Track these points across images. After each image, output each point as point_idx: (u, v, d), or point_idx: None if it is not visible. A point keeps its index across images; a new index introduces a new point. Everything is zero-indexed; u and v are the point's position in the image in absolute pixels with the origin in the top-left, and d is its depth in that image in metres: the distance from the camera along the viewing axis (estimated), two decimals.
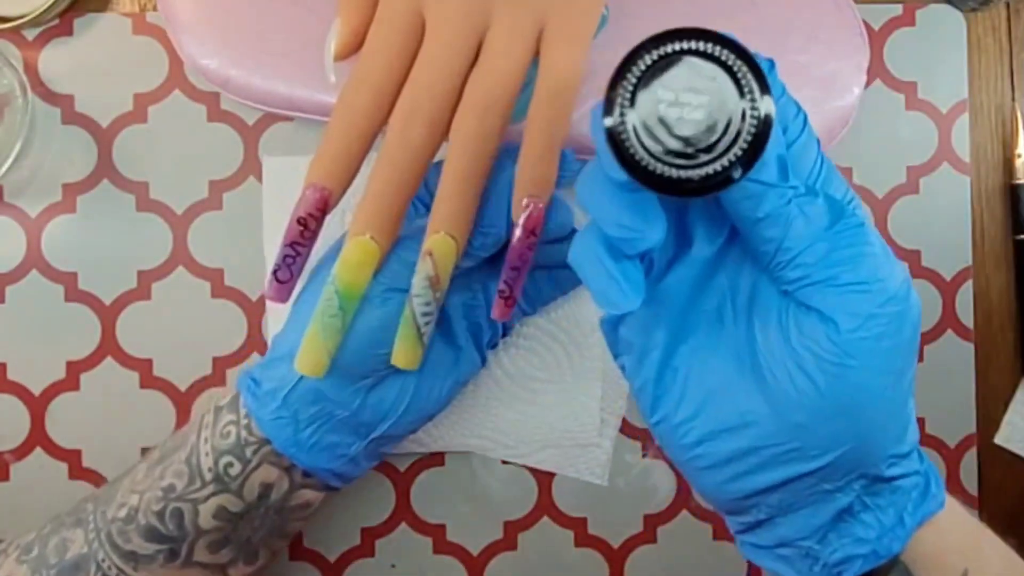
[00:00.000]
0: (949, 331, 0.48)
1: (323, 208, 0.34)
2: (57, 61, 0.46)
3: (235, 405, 0.38)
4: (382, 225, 0.34)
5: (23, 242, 0.46)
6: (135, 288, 0.46)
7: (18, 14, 0.44)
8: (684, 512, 0.47)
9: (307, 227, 0.34)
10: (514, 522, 0.47)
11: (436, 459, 0.47)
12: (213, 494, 0.37)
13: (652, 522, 0.48)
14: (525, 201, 0.34)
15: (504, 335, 0.44)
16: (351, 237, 0.34)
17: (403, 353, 0.35)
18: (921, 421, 0.48)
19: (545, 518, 0.47)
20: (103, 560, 0.37)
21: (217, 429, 0.38)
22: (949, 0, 0.47)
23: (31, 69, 0.46)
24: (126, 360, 0.46)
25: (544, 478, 0.47)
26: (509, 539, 0.47)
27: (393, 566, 0.47)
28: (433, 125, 0.34)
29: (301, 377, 0.36)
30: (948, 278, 0.48)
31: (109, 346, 0.46)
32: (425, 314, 0.34)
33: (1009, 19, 0.48)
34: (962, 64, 0.48)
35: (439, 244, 0.34)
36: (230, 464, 0.37)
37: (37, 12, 0.43)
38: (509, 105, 0.34)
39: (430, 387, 0.39)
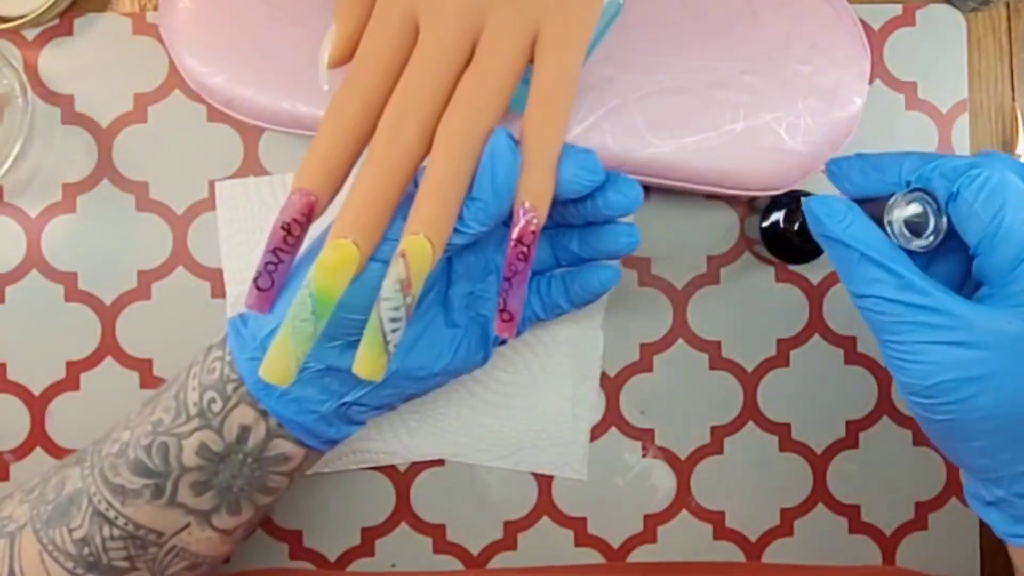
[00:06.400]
0: None
1: (308, 214, 0.33)
2: (57, 61, 0.46)
3: (225, 342, 0.38)
4: (365, 228, 0.33)
5: (23, 242, 0.46)
6: (135, 288, 0.46)
7: (18, 14, 0.44)
8: (684, 512, 0.48)
9: (291, 233, 0.33)
10: (514, 522, 0.47)
11: (436, 459, 0.47)
12: (196, 429, 0.36)
13: (652, 522, 0.48)
14: (520, 209, 0.33)
15: (518, 334, 0.42)
16: (332, 239, 0.33)
17: (366, 361, 0.32)
18: None
19: (545, 518, 0.47)
20: (95, 494, 0.37)
21: (205, 364, 0.37)
22: (949, 0, 0.47)
23: (31, 69, 0.46)
24: (126, 360, 0.46)
25: (544, 478, 0.47)
26: (509, 539, 0.47)
27: (393, 566, 0.47)
28: (424, 127, 0.33)
29: (282, 321, 0.35)
30: None
31: (109, 346, 0.46)
32: (393, 320, 0.32)
33: (1009, 19, 0.48)
34: (962, 64, 0.47)
35: (415, 246, 0.32)
36: (213, 400, 0.37)
37: (37, 12, 0.43)
38: (498, 108, 0.34)
39: (416, 366, 0.38)
